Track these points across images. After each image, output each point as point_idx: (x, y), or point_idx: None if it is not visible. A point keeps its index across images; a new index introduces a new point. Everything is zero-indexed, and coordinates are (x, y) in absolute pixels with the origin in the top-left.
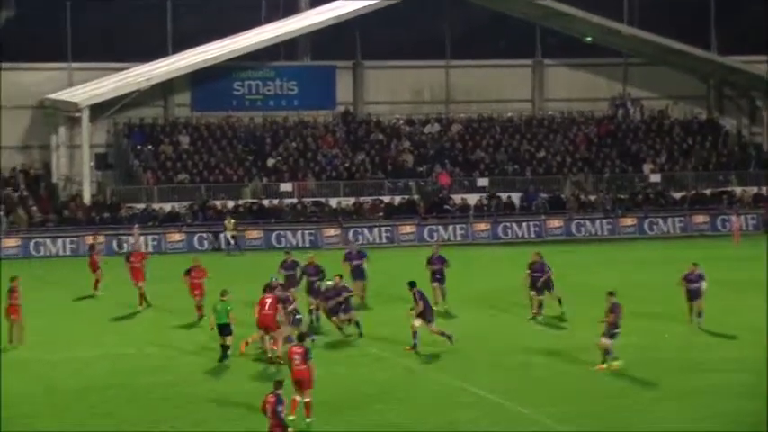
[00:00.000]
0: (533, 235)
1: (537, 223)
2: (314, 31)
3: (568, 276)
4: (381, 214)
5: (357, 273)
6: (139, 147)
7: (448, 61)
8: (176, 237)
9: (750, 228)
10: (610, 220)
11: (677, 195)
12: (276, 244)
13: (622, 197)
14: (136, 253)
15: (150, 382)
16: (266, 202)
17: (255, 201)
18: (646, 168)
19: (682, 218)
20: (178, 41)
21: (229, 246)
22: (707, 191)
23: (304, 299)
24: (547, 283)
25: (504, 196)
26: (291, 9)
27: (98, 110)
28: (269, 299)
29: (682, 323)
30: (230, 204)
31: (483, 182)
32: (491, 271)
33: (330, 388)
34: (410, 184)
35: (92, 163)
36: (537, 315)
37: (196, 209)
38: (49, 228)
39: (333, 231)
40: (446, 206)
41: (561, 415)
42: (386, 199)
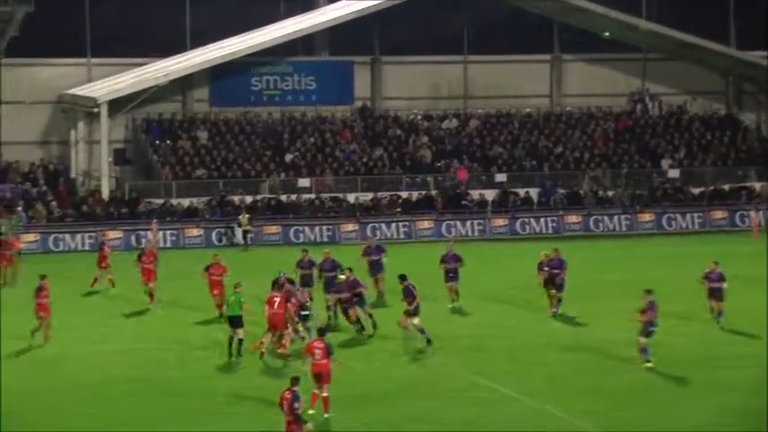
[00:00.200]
0: (551, 231)
1: (555, 219)
2: (332, 27)
3: (586, 272)
4: (399, 209)
5: (376, 268)
6: (158, 142)
7: (466, 57)
8: (194, 232)
9: None
10: (628, 216)
11: (696, 191)
12: (294, 239)
13: (640, 193)
14: (148, 253)
15: (168, 377)
16: (284, 198)
17: (273, 196)
18: (664, 164)
19: (700, 213)
20: (196, 37)
21: (245, 241)
22: (726, 186)
23: (322, 296)
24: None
25: (521, 192)
26: (310, 4)
27: (117, 105)
28: (277, 298)
29: (699, 319)
30: (248, 200)
31: (501, 177)
32: (509, 267)
33: (348, 383)
34: (428, 180)
35: (110, 158)
36: (555, 312)
37: (214, 204)
38: (68, 223)
39: (351, 227)
40: (464, 201)
41: (580, 411)
42: (404, 194)
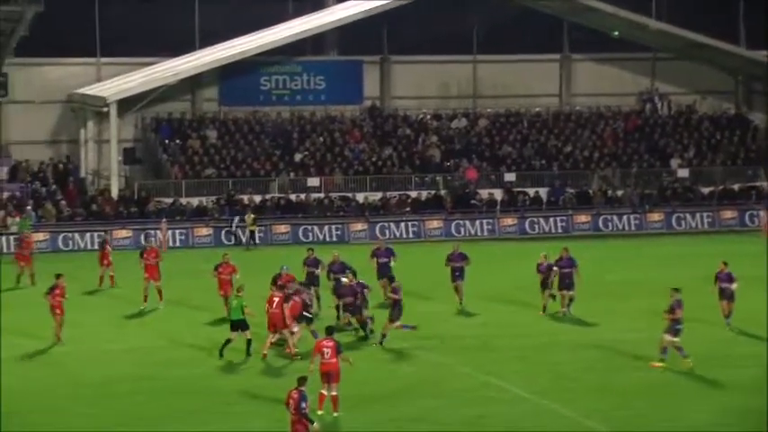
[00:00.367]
0: (560, 230)
1: (564, 218)
2: (341, 26)
3: (595, 272)
4: (408, 209)
5: (383, 270)
6: (167, 141)
7: (475, 56)
8: (203, 231)
9: None
10: (637, 216)
11: (705, 190)
12: (303, 239)
13: (650, 192)
14: (150, 250)
15: (175, 376)
16: (293, 197)
17: (282, 195)
18: (673, 163)
19: (710, 213)
20: (205, 36)
21: (251, 241)
22: (735, 186)
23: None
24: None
25: (531, 191)
26: (319, 4)
27: (126, 104)
28: (277, 297)
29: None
30: (257, 199)
31: (510, 177)
32: (518, 266)
33: (356, 383)
34: (437, 179)
35: (120, 157)
36: (565, 312)
37: (223, 203)
38: (77, 222)
39: (360, 226)
40: (473, 201)
41: (587, 410)
42: (413, 194)
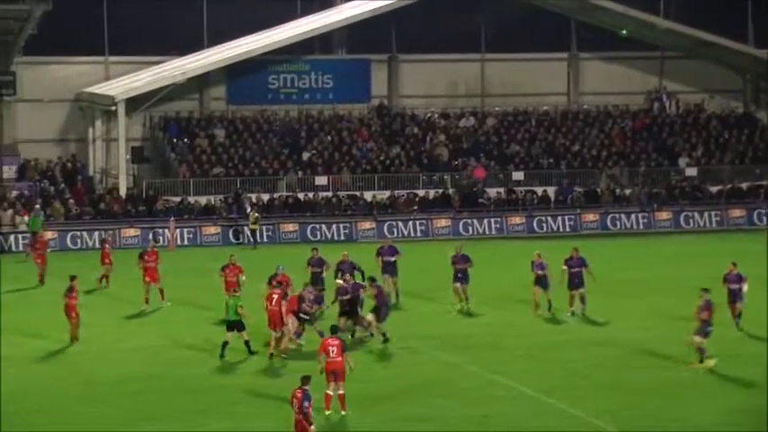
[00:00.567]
0: (568, 229)
1: (572, 217)
2: (349, 25)
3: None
4: (416, 208)
5: (389, 269)
6: (175, 140)
7: (483, 55)
8: (211, 230)
9: None
10: (645, 214)
11: (713, 189)
12: (311, 237)
13: (658, 191)
14: (151, 251)
15: (184, 375)
16: (301, 196)
17: (291, 194)
18: (682, 162)
19: (718, 212)
20: (213, 35)
21: (252, 238)
22: (743, 185)
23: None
24: (543, 281)
25: (539, 190)
26: (327, 3)
27: (134, 103)
28: (275, 295)
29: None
30: (265, 197)
31: (518, 175)
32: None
33: (364, 381)
34: (445, 178)
35: (128, 156)
36: (582, 310)
37: (231, 202)
38: (86, 221)
39: (368, 225)
40: (480, 200)
41: (595, 409)
42: (421, 192)
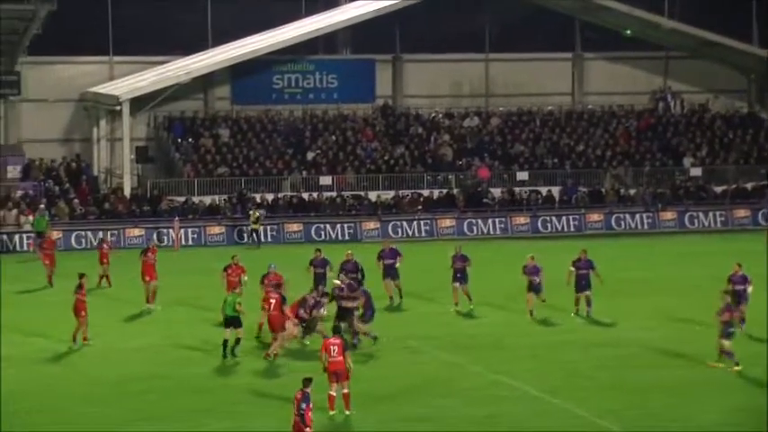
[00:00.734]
0: (573, 229)
1: (576, 217)
2: (353, 25)
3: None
4: (420, 208)
5: (389, 272)
6: (180, 140)
7: (487, 55)
8: (216, 230)
9: None
10: (650, 214)
11: (718, 189)
12: (316, 237)
13: (662, 191)
14: (153, 248)
15: (186, 374)
16: (306, 196)
17: (295, 194)
18: (686, 162)
19: (722, 212)
20: (218, 35)
21: (253, 238)
22: (748, 185)
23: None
24: (537, 286)
25: (543, 190)
26: (331, 2)
27: (138, 103)
28: (273, 299)
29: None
30: (270, 197)
31: (522, 175)
32: None
33: (367, 381)
34: (449, 178)
35: (132, 156)
36: (581, 313)
37: (235, 201)
38: (90, 220)
39: (372, 224)
40: (484, 200)
41: (599, 409)
42: (425, 192)
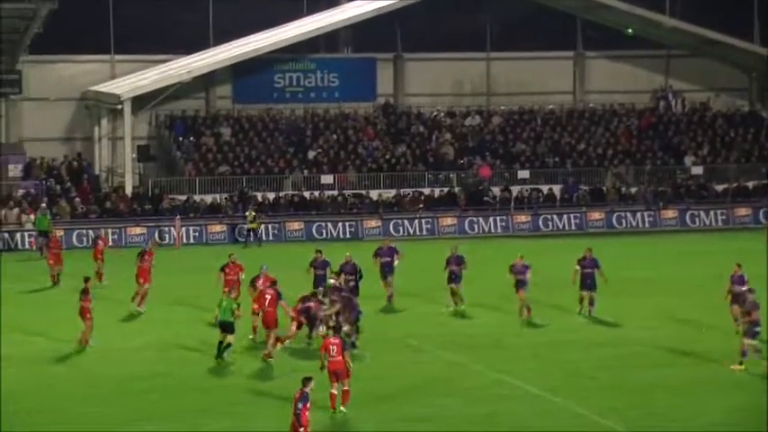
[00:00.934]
0: (574, 227)
1: (578, 215)
2: (355, 24)
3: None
4: (422, 206)
5: (386, 270)
6: (181, 138)
7: (489, 53)
8: (217, 228)
9: None
10: (651, 213)
11: (719, 188)
12: (317, 236)
13: (663, 189)
14: (150, 251)
15: (187, 374)
16: (307, 194)
17: (296, 193)
18: (687, 160)
19: (723, 210)
20: (219, 34)
21: (249, 238)
22: (749, 183)
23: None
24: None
25: (544, 188)
26: (332, 1)
27: (140, 102)
28: (269, 295)
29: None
30: (271, 196)
31: (524, 174)
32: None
33: (367, 380)
34: (451, 177)
35: (134, 154)
36: (590, 311)
37: (236, 200)
38: (92, 219)
39: (374, 223)
40: (485, 198)
41: (603, 408)
42: (426, 191)
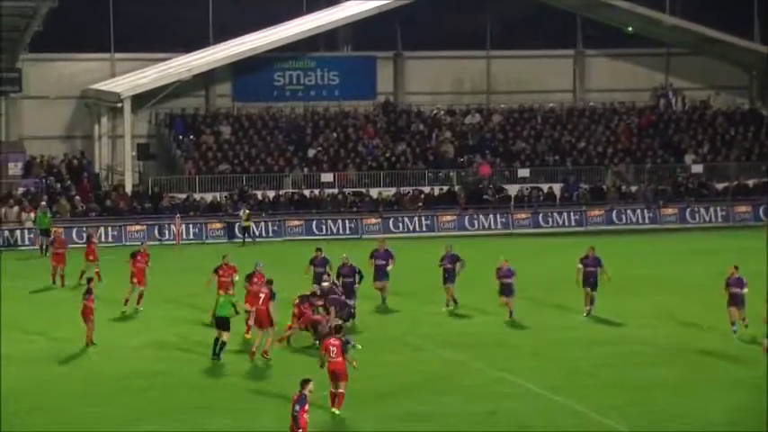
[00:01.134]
0: (573, 223)
1: (578, 214)
2: (355, 22)
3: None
4: (421, 204)
5: (380, 273)
6: (181, 137)
7: (489, 52)
8: (217, 226)
9: None
10: (651, 211)
11: (719, 186)
12: (317, 231)
13: (664, 188)
14: (144, 252)
15: (185, 372)
16: (307, 193)
17: (296, 191)
18: (687, 159)
19: (724, 208)
20: (219, 32)
21: (244, 236)
22: (749, 181)
23: None
24: (508, 289)
25: (544, 187)
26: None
27: (140, 100)
28: (263, 294)
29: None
30: (271, 194)
31: (524, 172)
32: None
33: (367, 378)
34: (451, 175)
35: (134, 153)
36: (590, 311)
37: (236, 199)
38: (92, 217)
39: (374, 220)
40: (485, 196)
41: (604, 407)
42: (426, 189)
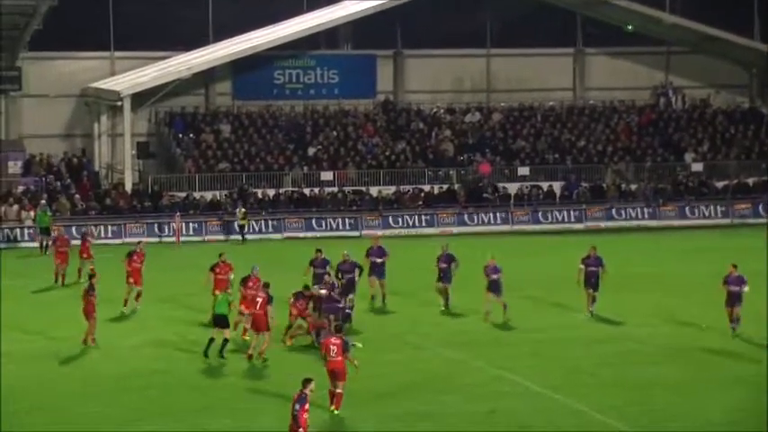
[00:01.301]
0: (573, 220)
1: (578, 212)
2: (355, 20)
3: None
4: (421, 203)
5: (376, 270)
6: (181, 135)
7: (489, 50)
8: (217, 225)
9: None
10: (651, 209)
11: (719, 184)
12: (317, 227)
13: (663, 186)
14: (140, 252)
15: (185, 372)
16: (307, 191)
17: (296, 189)
18: (687, 157)
19: (724, 207)
20: (219, 30)
21: (242, 235)
22: (749, 180)
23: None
24: (495, 286)
25: (544, 185)
26: None
27: (140, 99)
28: (260, 298)
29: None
30: (271, 193)
31: (524, 171)
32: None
33: (367, 378)
34: (451, 173)
35: (133, 151)
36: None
37: (236, 197)
38: (91, 216)
39: (373, 218)
40: (485, 194)
41: (603, 405)
42: (426, 188)
